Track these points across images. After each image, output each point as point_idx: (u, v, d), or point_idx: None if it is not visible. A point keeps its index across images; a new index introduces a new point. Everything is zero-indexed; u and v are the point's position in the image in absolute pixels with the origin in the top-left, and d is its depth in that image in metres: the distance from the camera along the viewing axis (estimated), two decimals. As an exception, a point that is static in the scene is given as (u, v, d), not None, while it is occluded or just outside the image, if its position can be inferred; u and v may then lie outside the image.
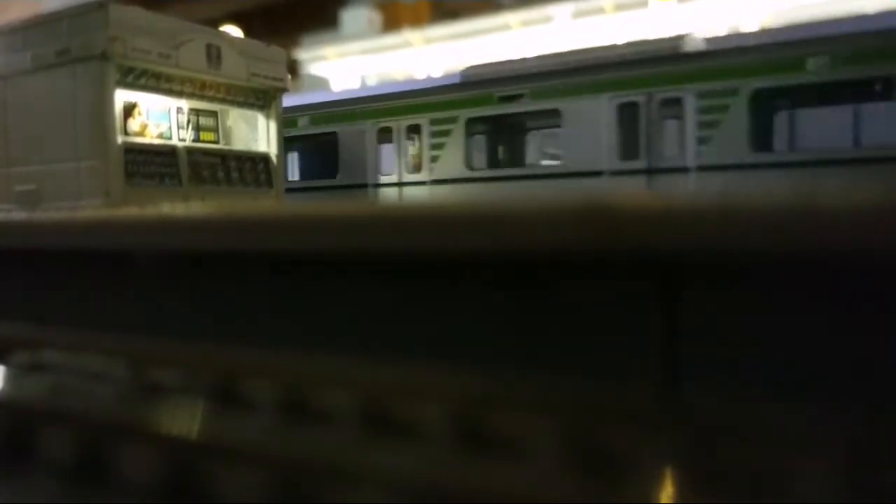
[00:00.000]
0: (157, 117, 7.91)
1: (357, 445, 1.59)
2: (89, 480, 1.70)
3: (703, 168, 8.23)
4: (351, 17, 26.57)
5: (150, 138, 7.76)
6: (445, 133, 10.10)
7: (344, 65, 25.79)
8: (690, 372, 1.65)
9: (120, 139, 7.16)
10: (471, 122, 9.93)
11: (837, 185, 1.34)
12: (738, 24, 17.33)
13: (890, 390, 1.45)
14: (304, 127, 11.53)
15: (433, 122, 10.20)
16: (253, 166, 8.64)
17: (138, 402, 1.96)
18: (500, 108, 9.72)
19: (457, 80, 10.65)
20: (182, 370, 2.17)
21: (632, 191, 1.61)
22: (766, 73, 7.92)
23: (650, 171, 8.58)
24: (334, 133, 11.17)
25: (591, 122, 8.92)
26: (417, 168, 10.38)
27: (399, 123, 10.53)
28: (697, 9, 19.04)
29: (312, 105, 11.91)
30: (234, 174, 8.38)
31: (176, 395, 2.03)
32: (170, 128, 8.03)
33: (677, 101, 8.44)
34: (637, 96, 8.68)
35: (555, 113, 9.27)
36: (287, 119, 10.64)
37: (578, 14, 21.08)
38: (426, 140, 10.26)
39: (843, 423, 1.29)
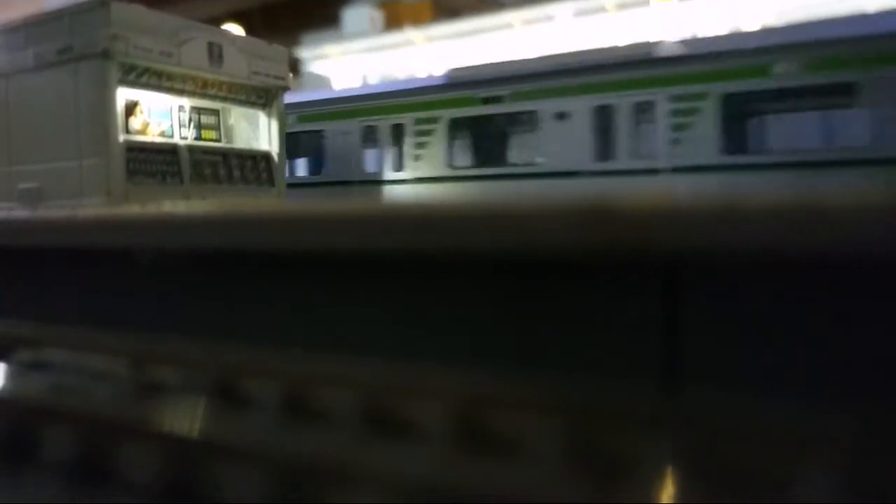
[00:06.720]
0: (158, 115, 7.91)
1: (359, 445, 1.59)
2: (91, 479, 1.71)
3: None
4: (352, 16, 26.52)
5: (152, 136, 7.76)
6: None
7: (346, 63, 25.78)
8: (691, 371, 1.65)
9: (122, 137, 7.16)
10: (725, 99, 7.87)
11: (837, 185, 1.34)
12: (740, 24, 17.30)
13: (891, 389, 1.45)
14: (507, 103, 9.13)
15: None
16: (254, 165, 8.64)
17: (140, 401, 1.97)
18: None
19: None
20: (184, 369, 2.17)
21: (632, 191, 1.62)
22: None
23: None
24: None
25: None
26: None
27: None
28: (698, 8, 19.00)
29: (519, 75, 9.42)
30: (236, 172, 8.37)
31: (178, 394, 2.03)
32: (171, 126, 8.03)
33: None
34: None
35: (849, 87, 7.02)
36: (487, 96, 9.14)
37: (580, 13, 21.04)
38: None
39: (843, 422, 1.29)
